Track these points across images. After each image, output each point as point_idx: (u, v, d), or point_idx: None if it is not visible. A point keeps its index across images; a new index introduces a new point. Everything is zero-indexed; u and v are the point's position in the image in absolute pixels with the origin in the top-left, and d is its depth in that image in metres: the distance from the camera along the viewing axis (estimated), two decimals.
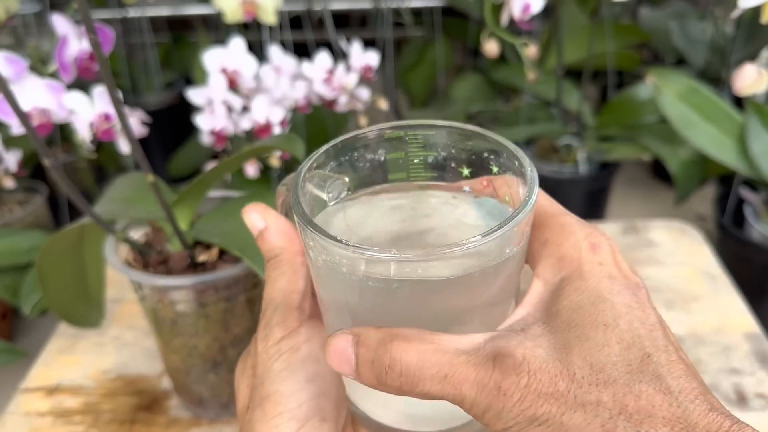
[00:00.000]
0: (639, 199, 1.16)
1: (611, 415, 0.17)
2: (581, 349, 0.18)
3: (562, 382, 0.17)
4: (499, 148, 0.22)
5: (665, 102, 0.74)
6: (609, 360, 0.17)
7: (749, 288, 0.61)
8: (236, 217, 0.36)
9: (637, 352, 0.18)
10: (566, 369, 0.17)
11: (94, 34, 0.26)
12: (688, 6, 1.09)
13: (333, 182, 0.23)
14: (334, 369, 0.20)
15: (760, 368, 0.42)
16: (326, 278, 0.20)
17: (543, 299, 0.20)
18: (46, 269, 0.37)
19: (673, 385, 0.17)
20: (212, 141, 0.53)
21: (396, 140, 0.23)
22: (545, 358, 0.18)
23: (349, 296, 0.20)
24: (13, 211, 0.68)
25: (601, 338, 0.18)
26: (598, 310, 0.19)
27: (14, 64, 0.41)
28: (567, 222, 0.21)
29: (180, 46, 1.20)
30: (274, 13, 0.55)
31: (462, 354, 0.18)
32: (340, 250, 0.18)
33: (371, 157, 0.23)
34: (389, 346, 0.18)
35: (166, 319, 0.36)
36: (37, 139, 0.29)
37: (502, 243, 0.19)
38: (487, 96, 1.08)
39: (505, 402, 0.17)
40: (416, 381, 0.18)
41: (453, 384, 0.18)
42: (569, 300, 0.19)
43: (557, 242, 0.21)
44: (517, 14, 0.53)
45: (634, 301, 0.19)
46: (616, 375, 0.17)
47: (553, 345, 0.18)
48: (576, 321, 0.18)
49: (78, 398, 0.42)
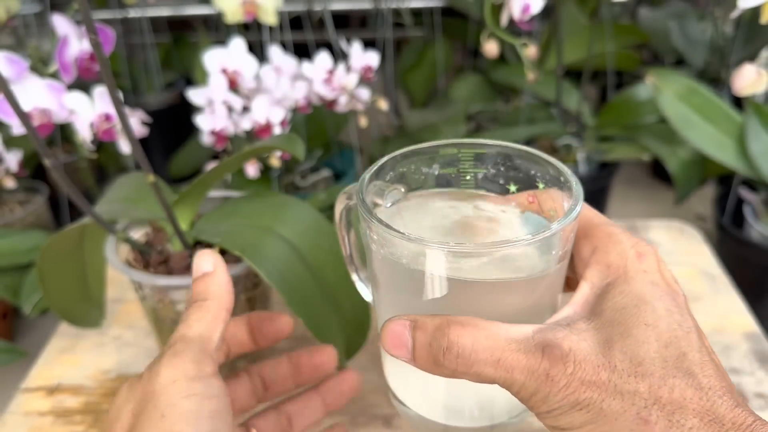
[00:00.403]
0: (638, 199, 1.16)
1: (646, 404, 0.18)
2: (623, 344, 0.19)
3: (603, 372, 0.19)
4: (545, 165, 0.24)
5: (665, 102, 0.74)
6: (647, 355, 0.19)
7: (748, 288, 0.61)
8: (236, 217, 0.36)
9: (674, 351, 0.19)
10: (608, 361, 0.19)
11: (95, 34, 0.26)
12: (688, 6, 1.10)
13: (390, 191, 0.25)
14: (390, 353, 0.21)
15: (759, 368, 0.43)
16: (386, 270, 0.22)
17: (588, 300, 0.22)
18: (47, 269, 0.37)
19: (704, 382, 0.19)
20: (212, 141, 0.53)
21: (449, 156, 0.25)
22: (589, 351, 0.19)
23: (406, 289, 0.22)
24: (14, 211, 0.69)
25: (642, 336, 0.20)
26: (640, 311, 0.20)
27: (15, 64, 0.41)
28: (614, 232, 0.23)
29: (180, 47, 1.20)
30: (274, 14, 0.55)
31: (513, 342, 0.20)
32: (402, 242, 0.20)
33: (426, 171, 0.25)
34: (446, 330, 0.20)
35: (166, 318, 0.36)
36: (38, 139, 0.29)
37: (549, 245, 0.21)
38: (486, 96, 1.08)
39: (551, 387, 0.19)
40: (471, 363, 0.19)
41: (505, 368, 0.19)
42: (614, 301, 0.21)
43: (605, 250, 0.22)
44: (516, 14, 0.53)
45: (673, 306, 0.21)
46: (653, 369, 0.19)
47: (596, 340, 0.20)
48: (619, 320, 0.20)
49: (78, 398, 0.42)
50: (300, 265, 0.34)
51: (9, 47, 0.72)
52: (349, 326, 0.37)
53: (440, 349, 0.20)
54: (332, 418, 0.39)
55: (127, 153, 0.52)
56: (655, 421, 0.18)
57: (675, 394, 0.19)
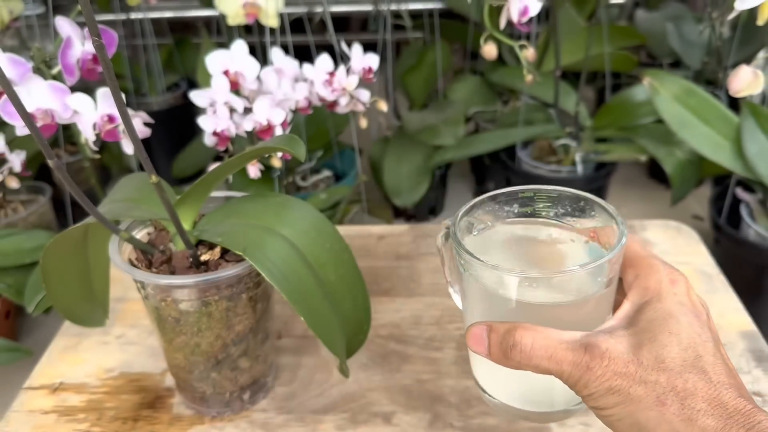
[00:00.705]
0: (636, 199, 1.16)
1: (664, 390, 0.24)
2: (650, 346, 0.25)
3: (632, 366, 0.24)
4: (601, 209, 0.30)
5: (661, 103, 0.75)
6: (669, 356, 0.25)
7: (745, 287, 0.61)
8: (238, 217, 0.37)
9: (691, 353, 0.25)
10: (636, 358, 0.25)
11: (98, 36, 0.27)
12: (685, 8, 1.10)
13: (478, 225, 0.32)
14: (472, 349, 0.28)
15: (756, 366, 0.43)
16: (471, 287, 0.29)
17: (628, 315, 0.27)
18: (51, 268, 0.37)
19: (714, 378, 0.24)
20: (215, 142, 0.53)
21: (527, 198, 0.32)
22: (622, 350, 0.25)
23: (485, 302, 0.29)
24: (18, 211, 0.69)
25: (666, 341, 0.25)
26: (667, 322, 0.26)
27: (18, 65, 0.42)
28: (654, 263, 0.28)
29: (182, 49, 1.21)
30: (275, 16, 0.56)
31: (563, 342, 0.26)
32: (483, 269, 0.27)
33: (507, 209, 0.32)
34: (513, 332, 0.26)
35: (169, 317, 0.37)
36: (42, 139, 0.30)
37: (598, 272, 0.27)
38: (485, 97, 1.09)
39: (591, 376, 0.25)
40: (530, 357, 0.26)
41: (556, 361, 0.25)
42: (647, 315, 0.26)
43: (646, 277, 0.28)
44: (515, 17, 0.54)
45: (695, 321, 0.26)
46: (673, 366, 0.24)
47: (629, 343, 0.25)
48: (649, 329, 0.26)
49: (81, 396, 0.42)
50: (301, 265, 0.34)
51: (12, 49, 0.73)
52: (350, 325, 0.37)
53: (508, 346, 0.26)
54: (333, 417, 0.40)
55: (130, 153, 0.53)
56: (671, 404, 0.23)
57: (688, 385, 0.24)
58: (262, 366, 0.41)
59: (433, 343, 0.46)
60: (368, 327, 0.38)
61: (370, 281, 0.52)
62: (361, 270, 0.38)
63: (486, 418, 0.40)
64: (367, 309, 0.38)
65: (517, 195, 0.31)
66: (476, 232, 0.32)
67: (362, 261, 0.54)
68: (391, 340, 0.46)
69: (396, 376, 0.43)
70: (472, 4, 0.97)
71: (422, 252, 0.56)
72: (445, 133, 0.90)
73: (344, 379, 0.42)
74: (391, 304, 0.50)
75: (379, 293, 0.51)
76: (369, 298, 0.38)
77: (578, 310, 0.28)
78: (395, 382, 0.42)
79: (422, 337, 0.46)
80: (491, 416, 0.40)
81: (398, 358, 0.44)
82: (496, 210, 0.32)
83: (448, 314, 0.49)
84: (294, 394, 0.42)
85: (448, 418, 0.40)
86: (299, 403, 0.41)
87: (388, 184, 0.99)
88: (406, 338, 0.46)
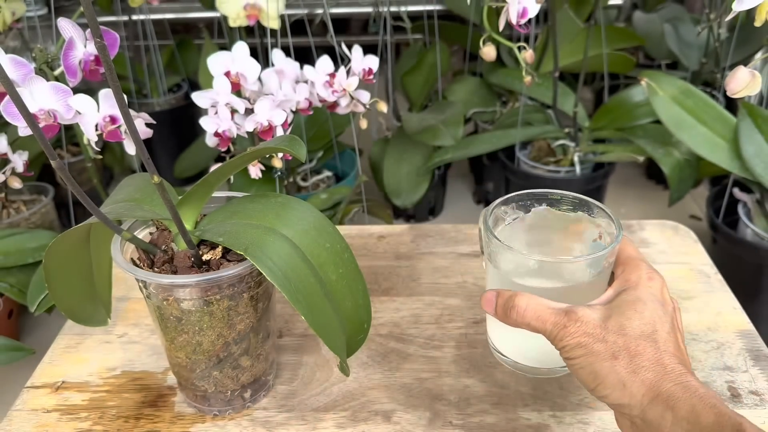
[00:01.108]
0: (633, 200, 1.17)
1: (618, 349, 0.30)
2: (617, 318, 0.32)
3: (598, 329, 0.31)
4: (606, 214, 0.38)
5: (659, 104, 0.75)
6: (629, 326, 0.31)
7: (742, 286, 0.61)
8: (239, 217, 0.37)
9: (649, 328, 0.31)
10: (603, 324, 0.31)
11: (100, 37, 0.27)
12: (683, 10, 1.10)
13: (510, 215, 0.39)
14: (484, 308, 0.35)
15: (753, 366, 0.43)
16: (495, 265, 0.37)
17: (609, 298, 0.34)
18: (53, 268, 0.37)
19: (662, 347, 0.31)
20: (216, 142, 0.54)
21: (555, 200, 0.39)
22: (594, 317, 0.32)
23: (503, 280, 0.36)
24: (20, 211, 0.69)
25: (630, 315, 0.32)
26: (635, 304, 0.32)
27: (21, 66, 0.42)
28: (639, 263, 0.35)
29: (184, 50, 1.21)
30: (276, 18, 0.56)
31: (550, 308, 0.33)
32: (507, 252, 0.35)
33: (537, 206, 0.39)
34: (513, 297, 0.34)
35: (171, 316, 0.37)
36: (44, 140, 0.30)
37: (594, 263, 0.35)
38: (484, 98, 1.09)
39: (565, 333, 0.31)
40: (524, 317, 0.33)
41: (542, 321, 0.32)
42: (621, 297, 0.33)
43: (629, 272, 0.35)
44: (513, 19, 0.54)
45: (660, 308, 0.32)
46: (630, 333, 0.31)
47: (601, 314, 0.32)
48: (620, 306, 0.32)
49: (84, 394, 0.43)
50: (302, 264, 0.35)
51: (15, 50, 0.73)
52: (350, 324, 0.37)
53: (508, 307, 0.34)
54: (333, 415, 0.40)
55: (132, 154, 0.53)
56: (621, 359, 0.30)
57: (639, 348, 0.30)
58: (263, 364, 0.41)
59: (432, 342, 0.46)
60: (368, 326, 0.38)
61: (371, 281, 0.52)
62: (362, 269, 0.38)
63: (485, 416, 0.40)
64: (367, 308, 0.38)
65: (546, 196, 0.39)
66: (509, 220, 0.39)
67: (362, 261, 0.55)
68: (391, 339, 0.46)
69: (396, 375, 0.43)
70: (471, 5, 0.97)
71: (422, 252, 0.56)
72: (444, 133, 0.91)
73: (345, 377, 0.43)
74: (391, 303, 0.50)
75: (379, 293, 0.51)
76: (369, 297, 0.38)
77: (574, 293, 0.35)
78: (395, 380, 0.43)
79: (422, 336, 0.47)
80: (490, 414, 0.40)
81: (398, 357, 0.45)
82: (528, 206, 0.40)
83: (448, 313, 0.49)
84: (295, 393, 0.42)
85: (448, 416, 0.40)
86: (300, 402, 0.41)
87: (388, 185, 0.99)
88: (406, 337, 0.47)
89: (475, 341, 0.46)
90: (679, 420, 0.28)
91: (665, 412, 0.28)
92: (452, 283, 0.52)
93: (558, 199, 0.39)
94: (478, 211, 1.19)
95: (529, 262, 0.35)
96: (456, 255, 0.55)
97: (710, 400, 0.28)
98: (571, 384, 0.42)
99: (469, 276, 0.53)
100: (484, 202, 1.20)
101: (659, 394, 0.29)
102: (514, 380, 0.43)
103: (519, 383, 0.42)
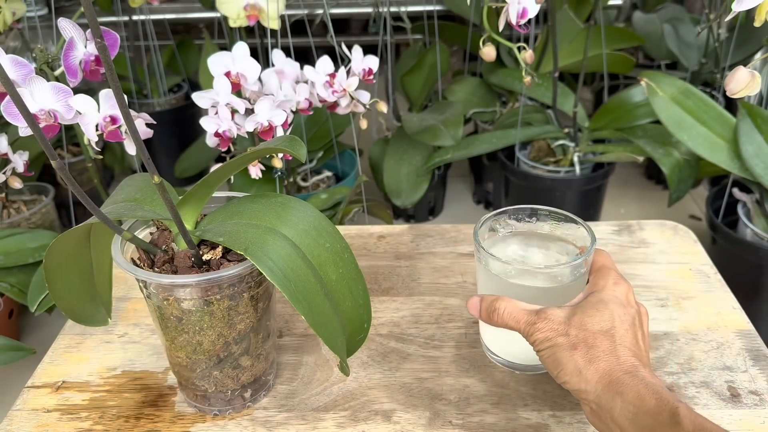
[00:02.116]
0: (633, 200, 1.17)
1: (578, 341, 0.34)
2: (580, 315, 0.36)
3: (562, 325, 0.35)
4: (587, 228, 0.42)
5: (659, 104, 0.75)
6: (590, 322, 0.35)
7: (742, 286, 0.62)
8: (240, 217, 0.37)
9: (607, 325, 0.35)
10: (567, 320, 0.36)
11: (101, 38, 0.27)
12: (682, 10, 1.10)
13: (503, 225, 0.44)
14: (470, 312, 0.40)
15: (752, 365, 0.43)
16: (483, 272, 0.42)
17: (578, 300, 0.38)
18: (53, 268, 0.37)
19: (618, 341, 0.34)
20: (217, 143, 0.54)
21: (536, 214, 0.44)
22: (560, 316, 0.36)
23: (490, 284, 0.41)
24: (21, 211, 0.69)
25: (592, 314, 0.36)
26: (599, 305, 0.36)
27: (21, 66, 0.42)
28: (609, 272, 0.39)
29: (184, 50, 1.21)
30: (276, 18, 0.56)
31: (524, 310, 0.37)
32: (493, 260, 0.40)
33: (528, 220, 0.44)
34: (495, 302, 0.38)
35: (171, 316, 0.37)
36: (44, 140, 0.30)
37: (572, 271, 0.40)
38: (484, 99, 1.09)
39: (535, 329, 0.36)
40: (502, 318, 0.37)
41: (516, 320, 0.37)
42: (587, 300, 0.37)
43: (599, 279, 0.39)
44: (513, 19, 0.54)
45: (621, 309, 0.36)
46: (590, 328, 0.35)
47: (567, 313, 0.36)
48: (584, 306, 0.36)
49: (84, 394, 0.43)
50: (302, 264, 0.35)
51: (15, 50, 0.73)
52: (350, 324, 0.37)
53: (490, 310, 0.38)
54: (333, 414, 0.40)
55: (132, 154, 0.53)
56: (579, 349, 0.34)
57: (596, 342, 0.34)
58: (263, 364, 0.41)
59: (432, 341, 0.46)
60: (368, 326, 0.38)
61: (371, 280, 0.52)
62: (362, 269, 0.38)
63: (484, 415, 0.40)
64: (367, 308, 0.38)
65: (536, 211, 0.45)
66: (502, 232, 0.44)
67: (362, 260, 0.55)
68: (391, 339, 0.47)
69: (396, 375, 0.43)
70: (471, 6, 0.98)
71: (422, 251, 0.56)
72: (444, 133, 0.91)
73: (345, 377, 0.43)
74: (391, 303, 0.50)
75: (379, 292, 0.51)
76: (369, 297, 0.38)
77: (553, 293, 0.40)
78: (395, 380, 0.43)
79: (422, 335, 0.47)
80: (490, 414, 0.40)
81: (398, 357, 0.45)
82: (519, 219, 0.45)
83: (448, 313, 0.49)
84: (295, 392, 0.42)
85: (447, 416, 0.40)
86: (300, 401, 0.41)
87: (388, 185, 1.00)
88: (406, 337, 0.47)
89: (475, 341, 0.46)
90: (627, 404, 0.31)
91: (615, 396, 0.32)
92: (452, 283, 0.52)
93: (546, 214, 0.44)
94: (478, 211, 1.20)
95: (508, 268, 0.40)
96: (456, 255, 0.56)
97: (654, 388, 0.31)
98: None
99: (469, 276, 0.53)
100: (484, 202, 1.20)
101: (611, 381, 0.32)
102: (514, 380, 0.43)
103: (519, 383, 0.43)
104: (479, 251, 0.41)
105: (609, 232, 0.58)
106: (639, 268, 0.53)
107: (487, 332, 0.44)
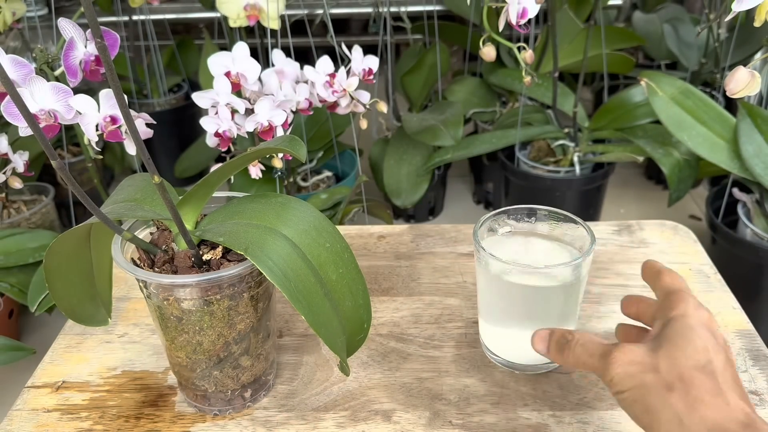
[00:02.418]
0: (633, 200, 1.17)
1: (672, 379, 0.28)
2: (667, 347, 0.30)
3: (647, 358, 0.30)
4: (586, 227, 0.42)
5: (659, 104, 0.75)
6: (682, 355, 0.29)
7: (742, 286, 0.62)
8: (240, 217, 0.37)
9: (703, 358, 0.29)
10: (653, 353, 0.30)
11: (101, 38, 0.27)
12: (682, 10, 1.10)
13: (502, 225, 0.44)
14: (535, 347, 0.36)
15: (752, 365, 0.43)
16: (483, 272, 0.42)
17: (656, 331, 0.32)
18: (53, 268, 0.37)
19: (720, 380, 0.28)
20: (217, 143, 0.54)
21: (535, 214, 0.44)
22: (642, 349, 0.30)
23: (490, 284, 0.42)
24: (21, 211, 0.69)
25: (682, 344, 0.30)
26: (686, 333, 0.30)
27: (21, 66, 0.42)
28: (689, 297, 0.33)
29: (184, 50, 1.21)
30: (276, 18, 0.56)
31: (598, 343, 0.32)
32: (493, 260, 0.40)
33: (528, 220, 0.44)
34: (567, 333, 0.34)
35: (171, 316, 0.37)
36: (44, 140, 0.30)
37: (572, 270, 0.39)
38: (484, 99, 1.09)
39: (612, 360, 0.30)
40: (574, 352, 0.33)
41: (590, 354, 0.32)
42: (670, 327, 0.31)
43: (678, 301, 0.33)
44: (513, 19, 0.54)
45: (712, 338, 0.30)
46: (684, 363, 0.29)
47: (650, 346, 0.31)
48: (669, 335, 0.31)
49: (84, 394, 0.43)
50: (302, 264, 0.35)
51: (15, 50, 0.73)
52: (350, 324, 0.37)
53: (561, 342, 0.34)
54: (333, 414, 0.40)
55: (132, 154, 0.53)
56: (676, 391, 0.28)
57: (695, 380, 0.28)
58: (263, 364, 0.41)
59: (432, 341, 0.46)
60: (368, 326, 0.39)
61: (371, 280, 0.52)
62: (362, 269, 0.38)
63: (485, 415, 0.40)
64: (367, 308, 0.38)
65: (535, 212, 0.44)
66: (500, 232, 0.44)
67: (362, 260, 0.55)
68: (391, 339, 0.47)
69: (396, 375, 0.43)
70: (471, 6, 0.98)
71: (422, 251, 0.56)
72: (444, 134, 0.91)
73: (345, 377, 0.43)
74: (391, 303, 0.50)
75: (379, 292, 0.51)
76: (369, 297, 0.38)
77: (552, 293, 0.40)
78: (395, 380, 0.43)
79: (422, 335, 0.47)
80: (490, 414, 0.40)
81: (398, 357, 0.45)
82: (518, 220, 0.44)
83: (448, 313, 0.49)
84: (295, 392, 0.42)
85: (448, 416, 0.40)
86: (300, 401, 0.41)
87: (388, 185, 1.00)
88: (406, 337, 0.47)
89: (475, 341, 0.46)
90: None
91: None
92: (452, 283, 0.52)
93: (545, 214, 0.44)
94: (478, 211, 1.20)
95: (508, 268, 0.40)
96: (456, 255, 0.56)
97: None
98: (571, 384, 0.42)
99: (469, 276, 0.53)
100: (484, 202, 1.20)
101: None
102: (514, 380, 0.43)
103: (519, 383, 0.43)
104: (479, 251, 0.41)
105: (609, 232, 0.58)
106: (639, 269, 0.53)
107: (487, 332, 0.44)
